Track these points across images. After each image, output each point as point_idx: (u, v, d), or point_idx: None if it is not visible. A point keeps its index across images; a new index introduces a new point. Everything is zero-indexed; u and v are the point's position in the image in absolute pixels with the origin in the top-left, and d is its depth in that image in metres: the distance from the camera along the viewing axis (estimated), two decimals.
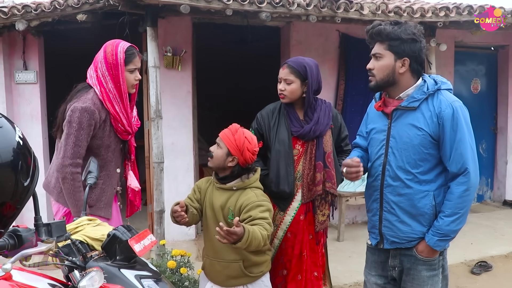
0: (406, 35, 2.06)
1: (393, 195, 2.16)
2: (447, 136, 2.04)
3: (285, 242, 2.78)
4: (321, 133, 2.76)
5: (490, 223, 5.78)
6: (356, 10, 4.02)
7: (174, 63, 4.88)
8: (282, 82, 2.76)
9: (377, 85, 2.15)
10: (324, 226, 2.82)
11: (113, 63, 2.45)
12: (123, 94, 2.50)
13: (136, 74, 2.55)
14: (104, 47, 2.51)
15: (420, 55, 2.10)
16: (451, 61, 6.20)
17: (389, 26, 2.09)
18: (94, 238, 1.75)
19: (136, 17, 4.29)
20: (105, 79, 2.46)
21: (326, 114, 2.80)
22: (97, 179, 2.10)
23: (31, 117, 4.98)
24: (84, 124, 2.37)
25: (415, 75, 2.13)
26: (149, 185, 5.02)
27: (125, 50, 2.49)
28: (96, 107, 2.42)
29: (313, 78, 2.72)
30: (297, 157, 2.78)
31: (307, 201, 2.77)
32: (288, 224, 2.77)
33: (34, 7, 4.20)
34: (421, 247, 2.13)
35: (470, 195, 2.06)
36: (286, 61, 2.79)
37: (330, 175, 2.77)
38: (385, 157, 2.18)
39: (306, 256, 2.78)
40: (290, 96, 2.75)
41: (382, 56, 2.11)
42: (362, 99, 5.57)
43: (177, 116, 4.99)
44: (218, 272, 2.42)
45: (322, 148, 2.77)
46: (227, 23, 4.91)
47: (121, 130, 2.55)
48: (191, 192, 2.55)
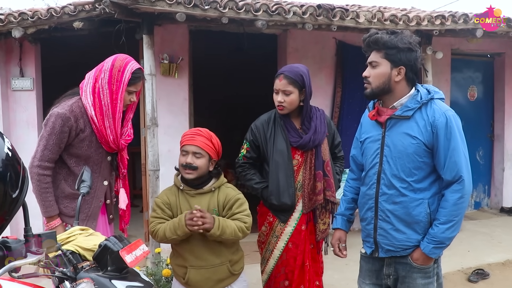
0: (403, 44, 2.08)
1: (388, 203, 2.17)
2: (441, 144, 2.06)
3: (286, 252, 2.76)
4: (320, 142, 2.74)
5: (487, 230, 5.77)
6: (352, 18, 4.03)
7: (170, 70, 4.89)
8: (280, 93, 2.68)
9: (373, 93, 2.17)
10: (325, 235, 2.81)
11: (117, 79, 2.41)
12: (116, 111, 2.45)
13: (132, 96, 2.51)
14: (113, 59, 2.45)
15: (416, 65, 2.12)
16: (447, 69, 6.22)
17: (386, 35, 2.12)
18: (86, 248, 1.73)
19: (133, 24, 4.29)
20: (103, 91, 2.41)
21: (322, 122, 2.78)
22: (90, 188, 2.08)
23: (27, 124, 4.98)
24: (57, 130, 2.34)
25: (409, 84, 2.15)
26: (146, 192, 5.00)
27: (133, 71, 2.44)
28: (72, 115, 2.37)
29: (309, 85, 2.71)
30: (296, 167, 2.75)
31: (308, 211, 2.75)
32: (289, 235, 2.75)
33: (31, 15, 4.20)
34: (416, 255, 2.14)
35: (465, 202, 2.08)
36: (281, 71, 2.71)
37: (329, 184, 2.76)
38: (379, 165, 2.19)
39: (308, 266, 2.76)
40: (289, 107, 2.70)
41: (379, 64, 2.13)
42: (359, 106, 5.55)
43: (174, 123, 4.98)
44: (207, 279, 2.43)
45: (321, 157, 2.74)
46: (224, 31, 4.91)
47: (104, 142, 2.50)
48: (158, 212, 2.44)
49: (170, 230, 2.35)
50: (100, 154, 2.52)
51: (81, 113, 2.42)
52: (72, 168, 2.45)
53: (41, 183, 2.36)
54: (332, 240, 2.51)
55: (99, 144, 2.49)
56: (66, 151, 2.43)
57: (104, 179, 2.57)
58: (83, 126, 2.42)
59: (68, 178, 2.46)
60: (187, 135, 2.48)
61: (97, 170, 2.52)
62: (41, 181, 2.36)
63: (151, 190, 3.86)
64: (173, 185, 2.52)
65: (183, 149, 2.44)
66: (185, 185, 2.47)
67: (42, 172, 2.36)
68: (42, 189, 2.37)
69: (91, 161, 2.48)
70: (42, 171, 2.36)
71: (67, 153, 2.44)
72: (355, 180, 2.48)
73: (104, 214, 2.66)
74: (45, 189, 2.37)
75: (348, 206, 2.49)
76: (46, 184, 2.37)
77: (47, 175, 2.38)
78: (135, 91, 2.52)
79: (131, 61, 2.47)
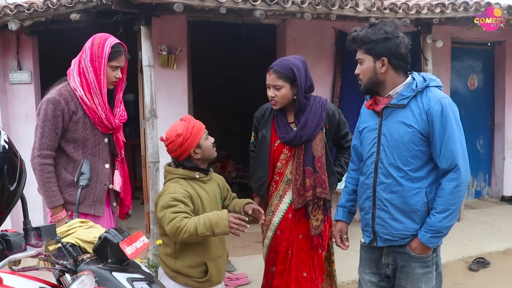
0: (378, 35, 2.08)
1: (385, 192, 2.17)
2: (437, 132, 2.05)
3: (274, 239, 2.81)
4: (309, 138, 2.68)
5: (488, 219, 5.78)
6: (351, 7, 4.00)
7: (169, 61, 4.86)
8: (271, 88, 2.66)
9: (365, 88, 2.20)
10: (318, 231, 2.75)
11: (97, 55, 2.43)
12: (101, 88, 2.47)
13: (117, 72, 2.52)
14: (92, 38, 2.49)
15: (397, 51, 2.09)
16: (447, 58, 6.18)
17: (364, 30, 2.13)
18: (86, 240, 1.73)
19: (130, 15, 4.26)
20: (87, 70, 2.44)
21: (317, 115, 2.69)
22: (89, 181, 2.08)
23: (26, 117, 4.97)
24: (50, 115, 2.37)
25: (400, 72, 2.14)
26: (146, 184, 5.00)
27: (112, 45, 2.46)
28: (62, 98, 2.40)
29: (302, 78, 2.63)
30: (285, 161, 2.76)
31: (298, 207, 2.73)
32: (276, 225, 2.80)
33: (27, 7, 4.17)
34: (414, 244, 2.14)
35: (461, 191, 2.07)
36: (271, 66, 2.69)
37: (320, 180, 2.70)
38: (377, 155, 2.20)
39: (291, 255, 2.76)
40: (281, 102, 2.68)
41: (363, 60, 2.15)
42: (358, 96, 5.51)
43: (173, 115, 4.95)
44: (221, 268, 2.45)
45: (311, 153, 2.69)
46: (222, 21, 4.88)
47: (98, 121, 2.51)
48: (181, 206, 2.21)
49: (204, 226, 2.13)
50: (97, 135, 2.54)
51: (70, 96, 2.44)
52: (71, 155, 2.46)
53: (43, 172, 2.37)
54: (334, 232, 2.52)
55: (94, 126, 2.51)
56: (63, 138, 2.45)
57: (105, 162, 2.59)
58: (74, 109, 2.44)
59: (67, 166, 2.47)
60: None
61: (96, 153, 2.54)
62: (43, 171, 2.37)
63: (151, 182, 3.85)
64: (178, 178, 2.37)
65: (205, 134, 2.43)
66: (202, 172, 2.42)
67: (44, 161, 2.38)
68: (45, 179, 2.37)
69: (89, 144, 2.50)
70: (43, 160, 2.38)
71: (64, 140, 2.46)
72: (356, 171, 2.47)
73: (108, 206, 2.66)
74: (47, 179, 2.38)
75: (349, 198, 2.49)
76: (49, 174, 2.38)
77: (48, 164, 2.39)
78: (119, 67, 2.52)
79: (110, 37, 2.50)
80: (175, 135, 2.33)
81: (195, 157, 2.38)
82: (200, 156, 2.38)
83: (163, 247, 2.45)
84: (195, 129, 2.36)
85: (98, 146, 2.54)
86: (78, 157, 2.46)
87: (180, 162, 2.40)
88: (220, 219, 2.15)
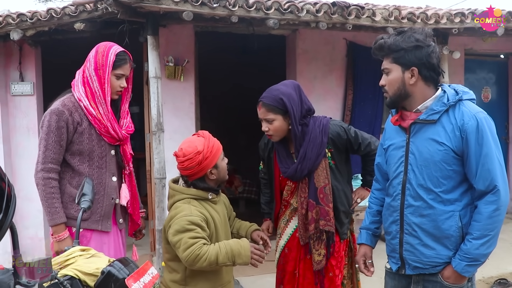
0: (408, 43, 1.93)
1: (414, 216, 2.01)
2: (472, 150, 1.89)
3: (282, 257, 2.71)
4: (311, 170, 2.52)
5: (505, 236, 5.56)
6: (368, 17, 3.85)
7: (176, 73, 4.75)
8: (264, 122, 2.52)
9: (392, 101, 2.04)
10: (321, 266, 2.58)
11: (102, 63, 2.37)
12: (105, 96, 2.40)
13: (122, 81, 2.45)
14: (96, 47, 2.43)
15: (429, 61, 1.94)
16: (461, 69, 6.07)
17: (391, 37, 1.98)
18: (87, 272, 1.54)
19: (136, 25, 4.18)
20: (91, 79, 2.38)
21: (316, 144, 2.50)
22: (92, 203, 1.91)
23: (27, 130, 4.87)
24: (53, 126, 2.31)
25: (430, 84, 1.98)
26: (151, 200, 4.85)
27: (117, 53, 2.40)
28: (66, 108, 2.34)
29: (294, 106, 2.45)
30: (290, 192, 2.66)
31: (305, 243, 2.59)
32: (283, 247, 2.70)
33: (30, 16, 4.08)
34: (447, 273, 1.97)
35: (501, 214, 1.90)
36: (260, 98, 2.53)
37: (323, 212, 2.53)
38: (404, 175, 2.03)
39: (298, 275, 2.64)
40: (277, 134, 2.53)
41: (390, 70, 1.99)
42: (370, 109, 5.43)
43: (180, 128, 4.82)
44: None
45: (314, 184, 2.53)
46: (230, 32, 4.75)
47: (105, 132, 2.42)
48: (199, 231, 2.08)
49: (226, 255, 2.05)
50: (103, 147, 2.45)
51: (74, 107, 2.38)
52: (77, 168, 2.38)
53: (46, 187, 2.29)
54: (357, 256, 2.35)
55: (100, 137, 2.43)
56: (68, 150, 2.38)
57: (112, 175, 2.49)
58: (79, 119, 2.37)
59: (72, 180, 2.39)
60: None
61: (103, 165, 2.45)
62: (47, 185, 2.29)
63: (158, 199, 3.69)
64: (188, 199, 2.20)
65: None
66: (213, 192, 2.29)
67: (47, 175, 2.30)
68: (47, 194, 2.29)
69: (95, 156, 2.42)
70: (47, 174, 2.30)
71: (69, 153, 2.38)
72: (380, 190, 2.31)
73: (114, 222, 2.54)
74: (50, 194, 2.30)
75: (373, 220, 2.32)
76: (52, 189, 2.30)
77: (52, 178, 2.31)
78: (124, 75, 2.45)
79: (114, 45, 2.45)
80: (194, 152, 2.14)
81: (210, 177, 2.22)
82: (216, 177, 2.23)
83: (169, 273, 2.28)
84: (214, 148, 2.21)
85: (104, 158, 2.45)
86: (84, 170, 2.38)
87: (191, 181, 2.22)
88: (243, 249, 2.09)
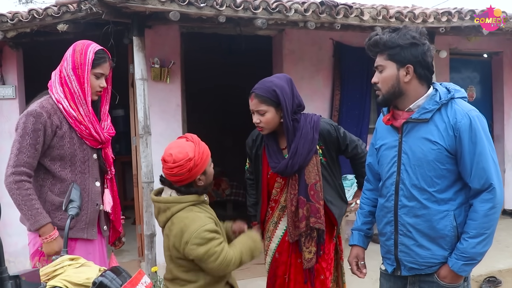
0: (405, 40, 1.91)
1: (409, 216, 1.99)
2: (466, 149, 1.87)
3: (274, 262, 2.68)
4: (302, 166, 2.49)
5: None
6: (356, 16, 3.84)
7: (162, 75, 4.66)
8: (255, 114, 2.48)
9: (384, 99, 2.00)
10: (311, 264, 2.55)
11: (80, 62, 2.27)
12: (86, 97, 2.29)
13: (101, 81, 2.34)
14: (74, 45, 2.33)
15: (424, 59, 1.93)
16: (446, 69, 6.10)
17: (387, 34, 1.96)
18: (77, 283, 1.47)
19: (121, 27, 4.09)
20: (69, 79, 2.27)
21: (308, 140, 2.48)
22: (80, 210, 1.84)
23: (9, 134, 4.70)
24: (29, 129, 2.16)
25: (423, 82, 1.96)
26: (137, 204, 4.76)
27: (96, 51, 2.30)
28: (44, 110, 2.21)
29: (287, 99, 2.43)
30: (279, 189, 2.62)
31: (294, 240, 2.56)
32: (274, 250, 2.67)
33: (10, 17, 3.97)
34: (443, 272, 1.95)
35: (497, 213, 1.89)
36: (252, 90, 2.50)
37: (314, 209, 2.50)
38: (397, 175, 2.01)
39: (288, 279, 2.61)
40: (268, 127, 2.49)
41: (384, 67, 1.96)
42: (358, 109, 5.43)
43: (166, 131, 4.73)
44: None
45: (304, 181, 2.50)
46: (216, 33, 4.70)
47: (87, 134, 2.31)
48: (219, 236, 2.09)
49: (247, 254, 2.16)
50: (85, 151, 2.34)
51: (53, 109, 2.25)
52: (58, 174, 2.25)
53: (21, 190, 2.13)
54: (349, 258, 2.31)
55: (81, 140, 2.32)
56: (47, 156, 2.24)
57: (95, 180, 2.38)
58: (58, 123, 2.25)
59: (54, 188, 2.26)
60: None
61: (85, 170, 2.33)
62: (21, 188, 2.13)
63: (146, 204, 3.61)
64: (190, 207, 2.13)
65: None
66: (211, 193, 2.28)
67: (19, 178, 2.13)
68: (24, 197, 2.13)
69: (77, 160, 2.30)
70: (18, 177, 2.13)
71: (49, 159, 2.25)
72: (372, 191, 2.29)
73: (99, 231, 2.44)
74: (27, 196, 2.14)
75: (365, 220, 2.29)
76: (28, 191, 2.14)
77: (25, 180, 2.15)
78: (103, 75, 2.35)
79: (92, 43, 2.36)
80: (186, 159, 2.06)
81: (198, 184, 2.14)
82: (203, 183, 2.16)
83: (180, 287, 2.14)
84: (205, 154, 2.14)
85: (87, 162, 2.34)
86: (66, 176, 2.26)
87: (178, 187, 2.14)
88: (255, 242, 2.20)
